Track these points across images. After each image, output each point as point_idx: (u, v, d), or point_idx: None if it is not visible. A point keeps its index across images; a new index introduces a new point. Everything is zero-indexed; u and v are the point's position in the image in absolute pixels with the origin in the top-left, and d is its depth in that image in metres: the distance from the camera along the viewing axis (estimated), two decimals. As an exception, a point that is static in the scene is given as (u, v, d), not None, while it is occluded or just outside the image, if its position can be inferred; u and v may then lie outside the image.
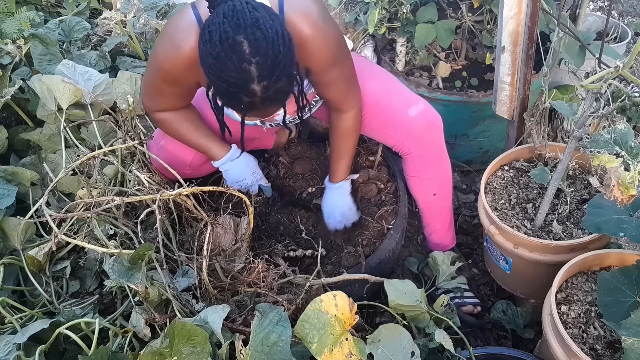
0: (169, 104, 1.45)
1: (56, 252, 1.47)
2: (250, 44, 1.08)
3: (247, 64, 1.09)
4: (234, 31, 1.08)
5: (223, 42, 1.08)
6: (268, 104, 1.18)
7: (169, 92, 1.40)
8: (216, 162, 1.56)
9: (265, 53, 1.09)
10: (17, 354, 1.15)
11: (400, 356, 1.13)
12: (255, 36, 1.08)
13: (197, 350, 1.05)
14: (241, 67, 1.09)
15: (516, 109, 1.68)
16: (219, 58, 1.09)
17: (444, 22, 2.07)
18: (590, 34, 1.59)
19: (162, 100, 1.44)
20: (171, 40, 1.27)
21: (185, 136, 1.51)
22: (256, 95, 1.13)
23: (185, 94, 1.43)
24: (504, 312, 1.67)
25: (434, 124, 1.58)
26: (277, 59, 1.11)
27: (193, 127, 1.50)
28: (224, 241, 1.43)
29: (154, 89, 1.42)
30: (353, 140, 1.58)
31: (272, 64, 1.10)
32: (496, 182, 1.66)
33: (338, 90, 1.44)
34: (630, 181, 1.21)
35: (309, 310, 1.09)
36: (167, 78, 1.34)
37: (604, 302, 1.17)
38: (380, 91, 1.59)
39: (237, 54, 1.08)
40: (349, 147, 1.59)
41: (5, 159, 1.79)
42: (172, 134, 1.53)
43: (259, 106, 1.17)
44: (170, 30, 1.29)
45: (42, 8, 2.48)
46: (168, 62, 1.29)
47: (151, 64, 1.37)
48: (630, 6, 3.20)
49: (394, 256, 1.68)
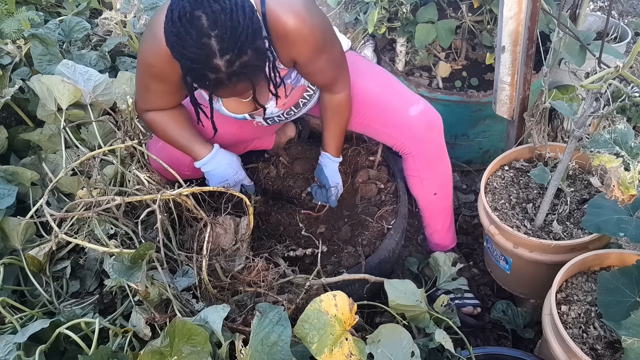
0: (158, 102, 1.45)
1: (56, 252, 1.47)
2: (208, 17, 1.07)
3: (206, 37, 1.07)
4: (192, 6, 1.07)
5: (182, 18, 1.07)
6: (236, 80, 1.14)
7: (155, 88, 1.40)
8: (198, 163, 1.54)
9: (224, 25, 1.07)
10: (17, 354, 1.15)
11: (400, 356, 1.13)
12: (213, 9, 1.07)
13: (197, 350, 1.05)
14: (201, 42, 1.07)
15: (516, 109, 1.68)
16: (179, 35, 1.08)
17: (444, 22, 2.07)
18: (590, 34, 1.59)
19: (150, 98, 1.44)
20: (152, 34, 1.27)
21: (171, 137, 1.51)
22: (220, 70, 1.11)
23: (172, 90, 1.42)
24: (504, 312, 1.67)
25: (434, 123, 1.58)
26: (237, 31, 1.09)
27: (178, 127, 1.50)
28: (224, 241, 1.43)
29: (142, 86, 1.42)
30: (343, 118, 1.58)
31: (232, 36, 1.08)
32: (496, 182, 1.66)
33: (327, 76, 1.45)
34: (630, 181, 1.21)
35: (308, 310, 1.09)
36: (151, 72, 1.34)
37: (604, 302, 1.17)
38: (380, 91, 1.59)
39: (195, 28, 1.07)
40: (343, 125, 1.59)
41: (5, 159, 1.79)
42: (159, 135, 1.53)
43: (226, 82, 1.14)
44: (152, 25, 1.29)
45: (42, 8, 2.48)
46: (151, 55, 1.30)
47: (138, 61, 1.38)
48: (630, 6, 3.20)
49: (394, 256, 1.68)
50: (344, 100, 1.54)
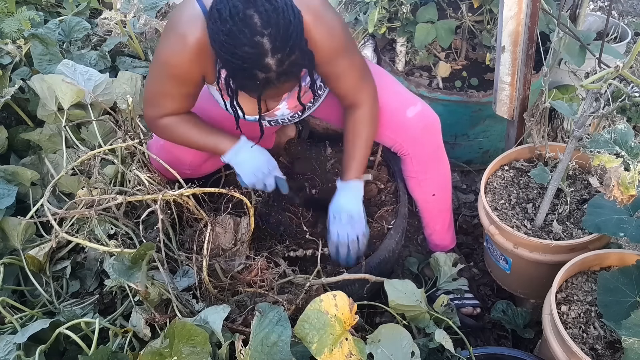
0: (174, 106, 1.41)
1: (56, 251, 1.47)
2: (261, 16, 1.08)
3: (259, 36, 1.08)
4: (244, 5, 1.08)
5: (234, 17, 1.08)
6: (284, 79, 1.16)
7: (175, 92, 1.37)
8: (226, 156, 1.47)
9: (277, 24, 1.09)
10: (17, 354, 1.15)
11: (400, 356, 1.13)
12: (265, 8, 1.08)
13: (197, 351, 1.05)
14: (254, 41, 1.08)
15: (516, 109, 1.68)
16: (231, 34, 1.09)
17: (444, 22, 2.07)
18: (590, 34, 1.59)
19: (167, 103, 1.40)
20: (176, 32, 1.26)
21: (189, 138, 1.46)
22: (271, 69, 1.12)
23: (191, 92, 1.40)
24: (504, 312, 1.67)
25: (432, 125, 1.58)
26: (289, 30, 1.11)
27: (197, 128, 1.46)
28: (224, 241, 1.43)
29: (158, 91, 1.39)
30: (368, 135, 1.51)
31: (285, 35, 1.10)
32: (496, 182, 1.66)
33: (350, 81, 1.42)
34: (630, 181, 1.21)
35: (309, 310, 1.09)
36: (173, 74, 1.31)
37: (604, 302, 1.17)
38: (379, 91, 1.59)
39: (248, 27, 1.08)
40: (363, 144, 1.52)
41: (5, 159, 1.79)
42: (175, 139, 1.48)
43: (274, 82, 1.15)
44: (174, 23, 1.28)
45: (42, 8, 2.49)
46: (174, 55, 1.27)
47: (156, 64, 1.35)
48: (630, 6, 3.20)
49: (394, 256, 1.68)
50: (368, 116, 1.48)
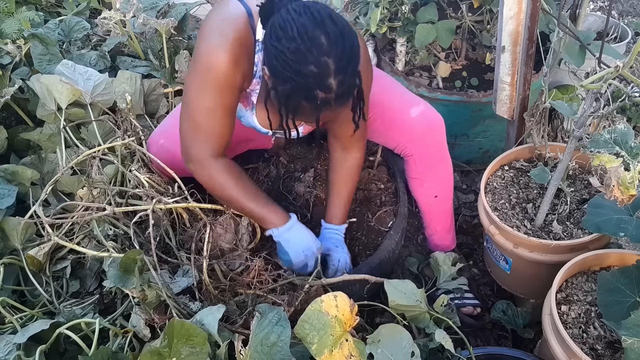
0: (219, 131, 1.32)
1: (56, 251, 1.47)
2: (328, 37, 1.08)
3: (326, 57, 1.08)
4: (312, 25, 1.08)
5: (302, 36, 1.08)
6: (341, 101, 1.16)
7: (224, 104, 1.29)
8: (276, 230, 1.43)
9: (343, 46, 1.10)
10: (17, 354, 1.15)
11: (400, 356, 1.13)
12: (332, 29, 1.09)
13: (196, 351, 1.05)
14: (320, 61, 1.08)
15: (516, 109, 1.68)
16: (297, 52, 1.08)
17: (444, 22, 2.07)
18: (590, 34, 1.59)
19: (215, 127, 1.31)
20: (218, 30, 1.23)
21: (238, 198, 1.39)
22: (332, 90, 1.12)
23: (233, 106, 1.33)
24: (504, 312, 1.67)
25: (436, 124, 1.58)
26: (353, 52, 1.12)
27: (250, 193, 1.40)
28: (224, 241, 1.43)
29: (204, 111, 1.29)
30: (354, 182, 1.58)
31: (349, 58, 1.11)
32: (496, 182, 1.66)
33: (351, 128, 1.37)
34: (630, 181, 1.21)
35: (309, 310, 1.09)
36: (221, 83, 1.25)
37: (604, 302, 1.17)
38: (382, 92, 1.59)
39: (316, 47, 1.08)
40: (350, 189, 1.58)
41: (5, 159, 1.79)
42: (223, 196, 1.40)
43: (332, 102, 1.15)
44: (214, 23, 1.24)
45: (42, 8, 2.48)
46: (220, 61, 1.22)
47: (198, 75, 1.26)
48: (630, 6, 3.20)
49: (394, 256, 1.68)
50: (357, 163, 1.53)
